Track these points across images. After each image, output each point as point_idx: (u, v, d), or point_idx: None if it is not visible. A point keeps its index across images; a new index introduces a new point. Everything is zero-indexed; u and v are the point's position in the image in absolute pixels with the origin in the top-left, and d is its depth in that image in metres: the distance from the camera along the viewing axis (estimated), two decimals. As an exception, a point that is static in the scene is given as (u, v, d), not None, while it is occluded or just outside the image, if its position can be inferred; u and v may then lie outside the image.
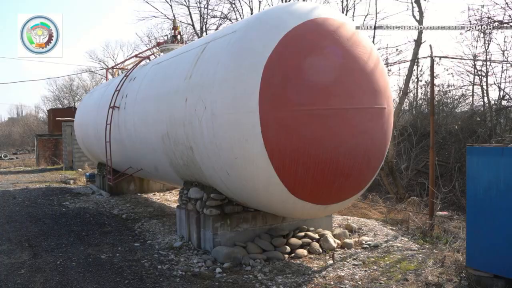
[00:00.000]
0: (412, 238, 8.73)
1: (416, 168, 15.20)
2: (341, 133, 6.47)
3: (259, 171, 6.47)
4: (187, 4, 28.37)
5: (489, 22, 18.09)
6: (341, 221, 10.15)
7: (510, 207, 5.69)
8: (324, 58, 6.60)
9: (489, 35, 18.32)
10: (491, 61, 17.66)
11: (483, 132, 15.60)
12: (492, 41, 20.93)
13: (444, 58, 13.49)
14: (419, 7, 14.42)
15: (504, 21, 17.47)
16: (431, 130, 9.76)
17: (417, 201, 11.20)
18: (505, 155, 5.81)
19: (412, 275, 6.62)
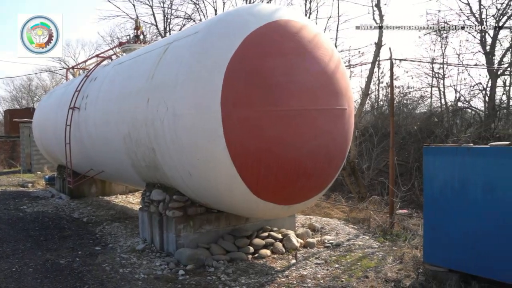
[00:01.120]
0: (373, 236, 8.93)
1: (377, 168, 15.56)
2: (303, 133, 6.55)
3: (222, 171, 6.47)
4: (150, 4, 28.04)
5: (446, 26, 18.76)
6: (304, 220, 10.27)
7: (463, 205, 5.91)
8: (286, 59, 6.65)
9: (445, 39, 19.01)
10: (447, 64, 18.31)
11: (441, 132, 16.14)
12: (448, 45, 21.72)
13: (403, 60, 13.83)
14: (379, 11, 14.78)
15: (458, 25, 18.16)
16: (391, 131, 10.02)
17: (378, 200, 11.46)
18: (459, 154, 6.04)
19: (373, 272, 6.77)
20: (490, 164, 5.71)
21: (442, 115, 18.12)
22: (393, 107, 10.43)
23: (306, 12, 20.92)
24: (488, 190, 5.68)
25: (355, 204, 11.97)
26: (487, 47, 17.48)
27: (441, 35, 18.94)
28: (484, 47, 17.53)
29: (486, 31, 17.60)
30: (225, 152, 6.28)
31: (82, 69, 18.11)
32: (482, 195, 5.73)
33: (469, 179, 5.88)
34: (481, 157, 5.84)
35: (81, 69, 18.54)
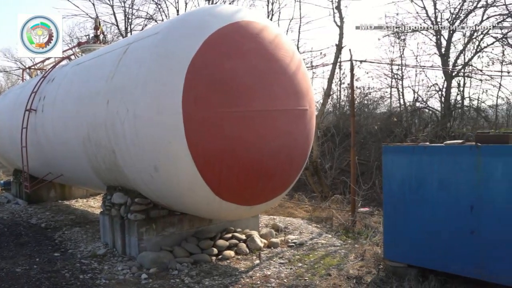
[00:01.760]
0: (335, 235, 9.08)
1: (339, 167, 15.82)
2: (265, 134, 6.59)
3: (183, 173, 6.42)
4: (110, 3, 27.46)
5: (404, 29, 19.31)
6: (268, 220, 10.32)
7: (420, 202, 6.11)
8: (248, 60, 6.68)
9: (403, 41, 19.54)
10: (405, 66, 18.83)
11: (400, 131, 16.58)
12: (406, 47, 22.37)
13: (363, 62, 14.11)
14: (339, 13, 15.06)
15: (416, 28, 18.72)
16: (352, 131, 10.22)
17: (340, 199, 11.66)
18: (416, 153, 6.24)
19: (335, 269, 6.88)
20: (445, 162, 5.93)
21: (401, 115, 18.61)
22: (354, 107, 10.64)
23: (269, 14, 21.06)
24: (443, 187, 5.90)
25: (318, 203, 12.14)
26: (443, 50, 18.09)
27: (399, 37, 19.48)
28: (440, 49, 18.12)
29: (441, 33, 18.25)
30: (187, 153, 6.24)
31: (39, 69, 17.53)
32: (437, 192, 5.94)
33: (425, 176, 6.08)
34: (436, 155, 6.05)
35: (38, 70, 17.97)
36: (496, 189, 5.42)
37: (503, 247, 5.35)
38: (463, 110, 18.63)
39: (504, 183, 5.35)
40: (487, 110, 19.72)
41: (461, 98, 18.54)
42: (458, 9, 17.72)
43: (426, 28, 18.30)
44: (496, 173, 5.43)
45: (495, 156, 5.45)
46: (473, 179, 5.61)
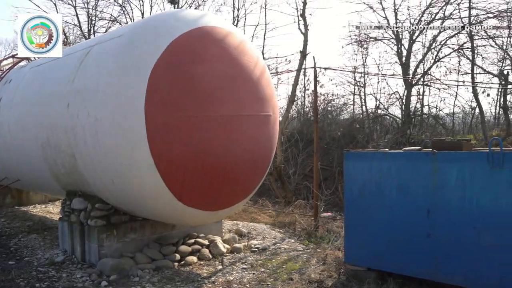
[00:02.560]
0: (298, 240, 9.17)
1: (303, 173, 16.00)
2: (228, 139, 6.60)
3: (146, 178, 6.35)
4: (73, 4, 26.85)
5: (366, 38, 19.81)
6: (232, 226, 10.31)
7: (380, 206, 6.27)
8: (212, 65, 6.68)
9: (366, 49, 20.04)
10: (368, 74, 19.31)
11: (362, 138, 16.96)
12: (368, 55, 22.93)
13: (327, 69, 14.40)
14: (304, 20, 15.29)
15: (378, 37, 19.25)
16: (315, 137, 10.37)
17: (304, 204, 11.78)
18: (376, 159, 6.41)
19: (297, 274, 6.95)
20: (403, 168, 6.11)
21: (363, 122, 19.03)
22: (317, 113, 10.81)
23: (234, 19, 21.13)
24: (401, 192, 6.07)
25: (282, 209, 12.22)
26: (403, 59, 18.66)
27: (362, 46, 19.96)
28: (400, 58, 18.69)
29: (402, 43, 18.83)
30: (149, 158, 6.17)
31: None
32: (396, 196, 6.11)
33: (385, 182, 6.25)
34: (395, 161, 6.23)
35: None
36: (451, 194, 5.62)
37: (456, 250, 5.56)
38: (422, 117, 19.25)
39: (458, 188, 5.56)
40: (444, 117, 20.46)
41: (421, 106, 19.17)
42: (417, 20, 18.34)
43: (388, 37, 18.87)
44: (450, 178, 5.63)
45: (449, 162, 5.65)
46: (429, 184, 5.80)
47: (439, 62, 18.38)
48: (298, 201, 12.17)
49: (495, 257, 5.28)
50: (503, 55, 17.81)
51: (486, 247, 5.34)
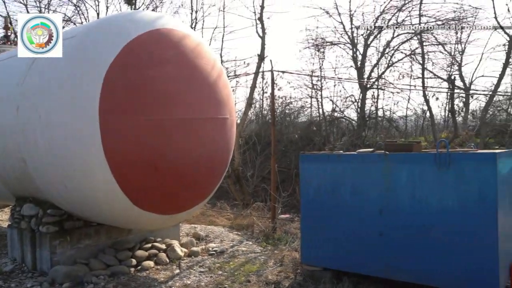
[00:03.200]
0: (256, 242, 9.23)
1: (261, 175, 16.10)
2: (185, 142, 6.56)
3: (100, 182, 6.21)
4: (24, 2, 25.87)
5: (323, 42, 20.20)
6: (189, 229, 10.25)
7: (335, 207, 6.42)
8: (168, 68, 6.63)
9: (322, 53, 20.44)
10: (324, 77, 19.68)
11: (319, 140, 17.26)
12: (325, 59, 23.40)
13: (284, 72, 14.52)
14: (262, 24, 15.41)
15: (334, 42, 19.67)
16: (272, 139, 10.48)
17: (262, 206, 11.87)
18: (331, 161, 6.57)
19: (254, 276, 6.99)
20: (357, 169, 6.28)
21: (320, 124, 19.37)
22: (274, 116, 10.93)
23: (192, 22, 21.01)
24: (355, 193, 6.24)
25: (240, 211, 12.26)
26: (358, 63, 19.16)
27: (319, 50, 20.35)
28: (356, 62, 19.18)
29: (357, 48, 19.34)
30: (104, 162, 6.04)
31: None
32: (350, 197, 6.28)
33: (339, 183, 6.40)
34: (349, 163, 6.40)
35: None
36: (401, 194, 5.84)
37: (407, 248, 5.77)
38: (377, 120, 19.84)
39: (408, 188, 5.78)
40: (398, 120, 21.17)
41: (375, 109, 19.76)
42: (372, 25, 18.89)
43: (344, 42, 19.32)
44: (401, 179, 5.85)
45: (400, 163, 5.87)
46: (381, 185, 5.99)
47: (392, 66, 19.02)
48: (256, 203, 12.25)
49: (442, 254, 5.52)
50: (452, 61, 18.65)
51: (434, 245, 5.57)
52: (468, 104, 18.70)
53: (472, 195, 5.36)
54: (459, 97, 18.64)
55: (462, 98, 18.51)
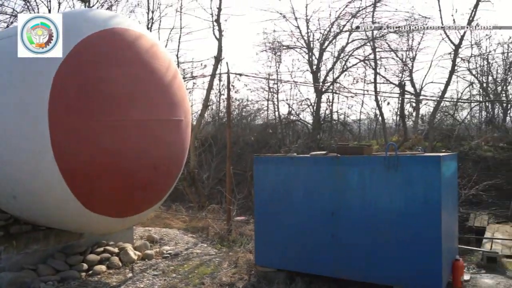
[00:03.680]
0: (211, 244, 9.22)
1: (217, 177, 16.09)
2: (139, 144, 6.47)
3: (50, 186, 6.02)
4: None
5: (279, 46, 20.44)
6: (143, 232, 10.10)
7: (288, 209, 6.53)
8: (122, 68, 6.52)
9: (279, 57, 20.68)
10: (280, 81, 19.91)
11: (275, 143, 17.44)
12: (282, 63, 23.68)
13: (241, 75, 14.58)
14: (219, 26, 15.43)
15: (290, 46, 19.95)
16: (228, 141, 10.51)
17: (217, 209, 11.86)
18: (284, 163, 6.67)
19: (209, 278, 6.99)
20: (310, 172, 6.42)
21: (276, 127, 19.58)
22: (230, 118, 10.96)
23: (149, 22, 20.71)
24: (308, 195, 6.37)
25: (195, 214, 12.21)
26: (314, 67, 19.50)
27: (276, 53, 20.57)
28: (311, 66, 19.52)
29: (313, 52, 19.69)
30: (54, 165, 5.85)
31: None
32: (303, 199, 6.40)
33: (292, 185, 6.52)
34: (302, 165, 6.53)
35: None
36: (352, 195, 6.02)
37: (357, 247, 5.95)
38: (331, 123, 20.27)
39: (359, 190, 5.97)
40: (352, 124, 21.72)
41: (330, 113, 20.18)
42: (327, 31, 19.29)
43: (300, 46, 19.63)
44: (352, 181, 6.03)
45: (351, 166, 6.05)
46: (333, 187, 6.15)
47: (346, 71, 19.49)
48: (212, 205, 12.24)
49: (391, 253, 5.73)
50: (403, 67, 19.32)
51: (383, 244, 5.78)
52: (418, 109, 19.46)
53: (418, 196, 5.60)
54: (410, 102, 19.35)
55: (412, 103, 19.22)
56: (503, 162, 15.99)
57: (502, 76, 19.62)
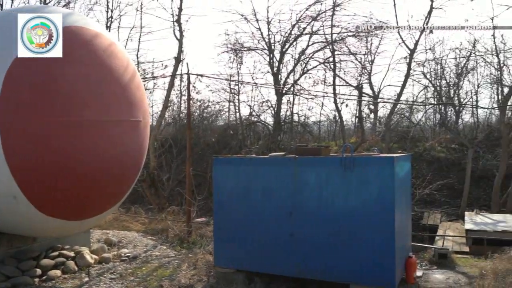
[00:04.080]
0: (170, 246, 9.13)
1: (177, 179, 15.96)
2: (95, 145, 6.34)
3: (0, 188, 5.81)
4: None
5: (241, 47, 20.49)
6: (101, 235, 9.89)
7: (247, 209, 6.55)
8: (78, 67, 6.39)
9: (240, 58, 20.70)
10: (242, 82, 19.96)
11: (236, 144, 17.47)
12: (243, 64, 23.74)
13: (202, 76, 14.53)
14: (179, 26, 15.32)
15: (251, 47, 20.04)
16: (188, 142, 10.45)
17: (177, 210, 11.77)
18: (243, 164, 6.70)
19: (167, 280, 6.92)
20: (269, 173, 6.47)
21: (237, 128, 19.61)
22: (190, 119, 10.90)
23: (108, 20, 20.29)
24: (267, 195, 6.42)
25: (155, 216, 12.07)
26: (275, 69, 19.66)
27: (237, 55, 20.58)
28: (272, 68, 19.66)
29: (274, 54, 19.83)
30: (4, 166, 5.66)
31: None
32: (262, 199, 6.45)
33: (251, 186, 6.55)
34: (261, 166, 6.57)
35: None
36: (310, 195, 6.11)
37: (315, 246, 6.05)
38: (292, 125, 20.47)
39: (316, 190, 6.07)
40: (312, 125, 22.04)
41: (291, 114, 20.38)
42: (288, 33, 19.49)
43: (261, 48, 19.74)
44: (310, 181, 6.12)
45: (309, 167, 6.14)
46: (291, 187, 6.23)
47: (307, 73, 19.74)
48: (172, 207, 12.13)
49: (347, 252, 5.86)
50: (362, 70, 19.78)
51: (340, 243, 5.90)
52: (376, 111, 19.97)
53: (373, 196, 5.75)
54: (368, 104, 19.83)
55: (369, 105, 19.70)
56: (455, 163, 16.68)
57: (454, 80, 20.42)
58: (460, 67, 20.15)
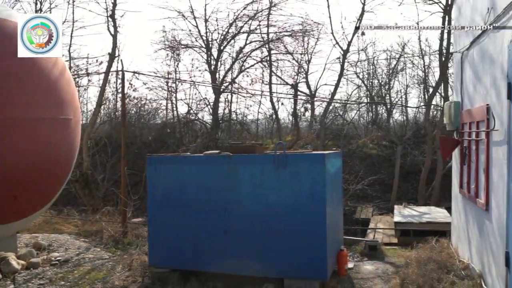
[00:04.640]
0: (105, 248, 8.88)
1: (113, 179, 15.51)
2: (21, 145, 6.05)
3: None
4: None
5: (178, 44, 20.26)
6: (29, 239, 9.41)
7: (182, 208, 6.52)
8: (1, 63, 6.05)
9: (178, 56, 20.45)
10: (179, 80, 19.74)
11: (173, 142, 17.26)
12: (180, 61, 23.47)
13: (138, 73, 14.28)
14: (114, 22, 14.90)
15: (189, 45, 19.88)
16: (123, 141, 10.21)
17: (112, 211, 11.46)
18: (178, 163, 6.66)
19: (100, 283, 6.73)
20: (204, 171, 6.47)
21: (174, 126, 19.37)
22: (125, 117, 10.66)
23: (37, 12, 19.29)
24: (201, 193, 6.42)
25: (88, 217, 11.67)
26: (212, 67, 19.62)
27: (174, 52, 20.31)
28: (210, 66, 19.61)
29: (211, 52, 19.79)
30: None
31: None
32: (196, 197, 6.44)
33: (186, 184, 6.53)
34: (196, 164, 6.57)
35: None
36: (244, 193, 6.19)
37: (250, 244, 6.13)
38: (230, 123, 20.53)
39: (250, 188, 6.15)
40: (250, 123, 22.23)
41: (228, 112, 20.44)
42: (225, 31, 19.51)
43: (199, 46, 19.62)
44: (244, 178, 6.20)
45: (243, 165, 6.22)
46: (226, 185, 6.27)
47: (244, 72, 19.88)
48: (107, 208, 11.78)
49: (281, 247, 5.99)
50: (298, 69, 20.21)
51: (273, 237, 6.02)
52: (313, 109, 20.49)
53: (305, 191, 5.92)
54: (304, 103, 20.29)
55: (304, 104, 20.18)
56: (386, 159, 17.53)
57: (385, 80, 21.40)
58: (391, 68, 21.17)
